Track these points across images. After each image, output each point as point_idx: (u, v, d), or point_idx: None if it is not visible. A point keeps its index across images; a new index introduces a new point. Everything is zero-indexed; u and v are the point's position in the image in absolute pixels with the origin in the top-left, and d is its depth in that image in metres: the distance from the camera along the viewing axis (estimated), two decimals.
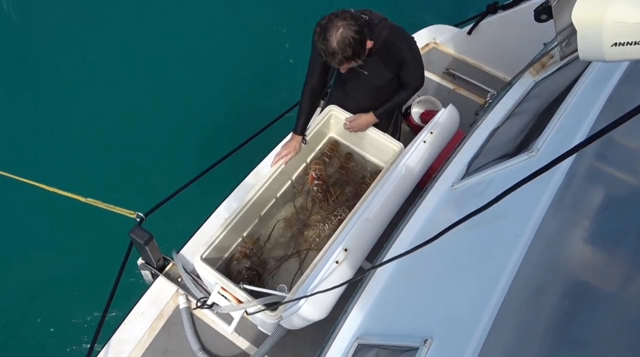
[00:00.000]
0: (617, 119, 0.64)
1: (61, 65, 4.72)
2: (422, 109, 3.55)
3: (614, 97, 1.57)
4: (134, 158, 4.32)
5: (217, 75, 4.93)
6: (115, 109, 4.54)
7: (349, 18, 2.08)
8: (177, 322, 2.53)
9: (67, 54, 4.79)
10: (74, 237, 3.88)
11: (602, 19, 0.78)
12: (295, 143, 2.58)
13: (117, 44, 4.90)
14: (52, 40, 4.86)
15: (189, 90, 4.79)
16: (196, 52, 5.05)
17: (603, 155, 1.41)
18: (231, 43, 5.17)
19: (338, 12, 2.15)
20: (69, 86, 4.60)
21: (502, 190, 0.88)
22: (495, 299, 1.12)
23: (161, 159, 4.36)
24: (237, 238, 2.58)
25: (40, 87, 4.59)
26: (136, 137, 4.43)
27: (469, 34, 3.82)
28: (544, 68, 2.52)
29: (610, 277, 0.94)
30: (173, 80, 4.80)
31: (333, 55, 2.11)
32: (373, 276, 1.89)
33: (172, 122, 4.58)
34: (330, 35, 2.06)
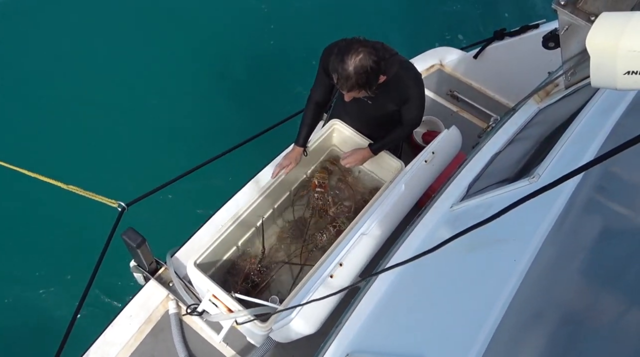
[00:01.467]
0: (623, 144, 0.64)
1: (54, 56, 4.72)
2: (424, 129, 3.57)
3: (618, 128, 1.58)
4: (127, 153, 4.30)
5: (219, 73, 4.94)
6: (112, 105, 4.53)
7: (370, 46, 2.07)
8: (166, 327, 2.50)
9: (60, 43, 4.79)
10: (57, 226, 3.84)
11: (616, 46, 0.78)
12: (296, 154, 2.58)
13: (115, 37, 4.91)
14: (42, 32, 4.85)
15: (189, 88, 4.80)
16: (196, 47, 5.06)
17: (602, 188, 1.42)
18: (234, 40, 5.19)
19: (359, 38, 2.13)
20: (63, 78, 4.61)
21: (502, 208, 0.87)
22: (491, 323, 1.11)
23: (158, 154, 4.34)
24: (232, 246, 2.56)
25: (28, 78, 4.58)
26: (129, 133, 4.41)
27: (475, 58, 3.86)
28: (548, 96, 2.54)
29: (609, 308, 0.93)
30: (172, 77, 4.80)
31: (346, 80, 2.07)
32: (367, 292, 1.87)
33: (170, 118, 4.57)
34: (349, 58, 2.03)
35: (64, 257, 3.74)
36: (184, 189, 2.82)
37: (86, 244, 3.53)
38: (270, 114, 3.25)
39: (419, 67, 3.89)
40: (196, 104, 4.77)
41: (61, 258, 3.74)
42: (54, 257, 3.77)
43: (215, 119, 4.70)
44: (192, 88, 4.83)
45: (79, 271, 3.52)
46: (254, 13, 5.42)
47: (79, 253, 3.61)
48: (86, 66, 4.71)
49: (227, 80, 4.94)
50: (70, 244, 3.78)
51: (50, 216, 3.87)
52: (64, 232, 3.84)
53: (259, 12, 5.43)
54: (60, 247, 3.79)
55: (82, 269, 2.75)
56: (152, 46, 4.94)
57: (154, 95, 4.66)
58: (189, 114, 4.69)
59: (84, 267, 2.46)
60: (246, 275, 2.52)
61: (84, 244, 3.64)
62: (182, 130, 4.56)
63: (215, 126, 4.63)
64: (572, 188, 1.42)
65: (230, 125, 4.61)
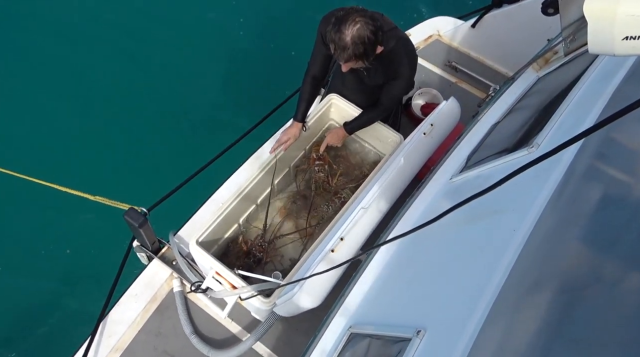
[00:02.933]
0: (622, 109, 0.63)
1: (59, 56, 4.65)
2: (423, 101, 3.54)
3: (617, 95, 1.56)
4: (134, 152, 4.29)
5: (216, 65, 4.89)
6: (113, 104, 4.47)
7: (368, 17, 2.03)
8: (171, 305, 2.53)
9: (65, 42, 4.72)
10: (80, 234, 3.90)
11: (614, 11, 0.77)
12: (295, 130, 2.57)
13: (117, 39, 4.84)
14: (48, 30, 4.78)
15: (189, 81, 4.75)
16: (196, 43, 4.98)
17: (602, 154, 1.41)
18: (233, 32, 5.11)
19: (357, 7, 2.10)
20: (66, 75, 4.54)
21: (501, 178, 0.87)
22: (490, 293, 1.12)
23: (162, 152, 4.33)
24: (234, 223, 2.58)
25: (37, 81, 4.53)
26: (135, 131, 4.38)
27: (473, 27, 3.79)
28: (547, 64, 2.51)
29: (607, 275, 0.94)
30: (172, 71, 4.74)
31: (343, 49, 2.05)
32: (368, 265, 1.89)
33: (171, 113, 4.54)
34: (347, 28, 2.00)
35: (86, 265, 3.81)
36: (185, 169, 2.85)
37: (108, 248, 3.61)
38: (268, 103, 3.24)
39: (417, 38, 3.85)
40: (196, 94, 4.72)
41: (84, 267, 3.81)
42: (76, 266, 3.83)
43: (216, 108, 4.67)
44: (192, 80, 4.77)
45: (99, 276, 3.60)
46: None
47: (102, 257, 3.70)
48: (78, 71, 4.64)
49: (226, 70, 4.88)
50: (92, 249, 3.84)
51: (70, 227, 3.92)
52: (84, 240, 3.89)
53: None
54: (82, 255, 3.85)
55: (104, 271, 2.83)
56: (147, 44, 4.86)
57: (153, 92, 4.60)
58: (190, 105, 4.64)
59: (106, 269, 2.57)
60: (247, 251, 2.54)
61: (104, 248, 3.73)
62: (183, 123, 4.52)
63: (215, 116, 4.61)
64: (571, 156, 1.42)
65: (231, 113, 4.59)
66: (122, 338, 2.43)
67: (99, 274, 3.74)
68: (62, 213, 3.86)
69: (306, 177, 2.81)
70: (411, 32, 3.90)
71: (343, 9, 2.11)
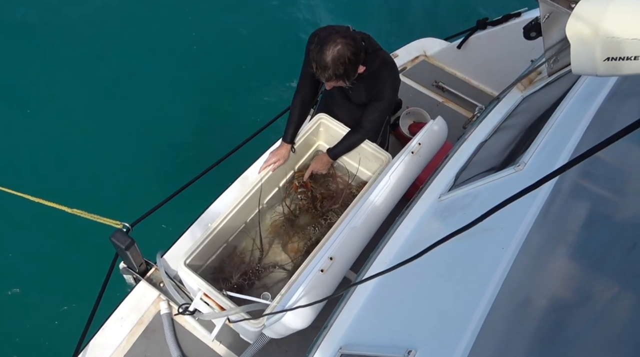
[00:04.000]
0: (606, 140, 0.65)
1: (44, 70, 4.64)
2: (411, 120, 3.58)
3: (600, 114, 1.60)
4: (119, 167, 4.25)
5: (204, 83, 4.90)
6: (99, 120, 4.45)
7: (349, 37, 2.07)
8: (158, 328, 2.48)
9: (53, 55, 4.72)
10: (61, 248, 3.82)
11: (596, 33, 0.79)
12: (284, 151, 2.57)
13: (103, 52, 4.85)
14: (34, 43, 4.78)
15: (175, 99, 4.75)
16: (184, 59, 5.01)
17: (588, 173, 1.43)
18: (219, 51, 5.15)
19: (340, 27, 2.14)
20: (49, 90, 4.53)
21: (489, 203, 0.88)
22: (480, 312, 1.12)
23: (149, 167, 4.30)
24: (222, 244, 2.55)
25: (22, 96, 4.51)
26: (120, 146, 4.36)
27: (459, 48, 3.87)
28: (532, 84, 2.56)
29: (596, 293, 0.94)
30: (159, 87, 4.75)
31: (324, 69, 2.09)
32: (358, 286, 1.88)
33: (158, 130, 4.52)
34: (328, 48, 2.04)
35: (70, 279, 3.73)
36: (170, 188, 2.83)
37: (92, 264, 3.55)
38: (256, 122, 3.26)
39: (404, 59, 3.91)
40: (184, 112, 4.72)
41: (66, 282, 3.72)
42: (59, 281, 3.74)
43: (204, 126, 4.67)
44: (180, 99, 4.77)
45: (81, 295, 3.54)
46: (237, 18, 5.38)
47: (84, 273, 3.63)
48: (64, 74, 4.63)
49: (214, 89, 4.90)
50: (75, 264, 3.76)
51: (54, 239, 3.83)
52: (68, 254, 3.81)
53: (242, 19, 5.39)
54: (66, 269, 3.77)
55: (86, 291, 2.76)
56: (134, 59, 4.88)
57: (141, 111, 4.60)
58: (177, 123, 4.64)
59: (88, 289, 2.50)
60: (244, 272, 2.51)
61: (88, 263, 3.66)
62: (170, 139, 4.51)
63: (203, 134, 4.60)
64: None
65: (219, 132, 4.59)
66: None
67: (85, 295, 3.68)
68: (45, 229, 3.79)
69: (290, 205, 2.80)
70: (398, 52, 3.96)
71: (327, 29, 2.14)
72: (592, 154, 0.70)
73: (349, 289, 1.84)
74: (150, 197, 2.61)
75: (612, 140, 0.66)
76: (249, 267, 2.54)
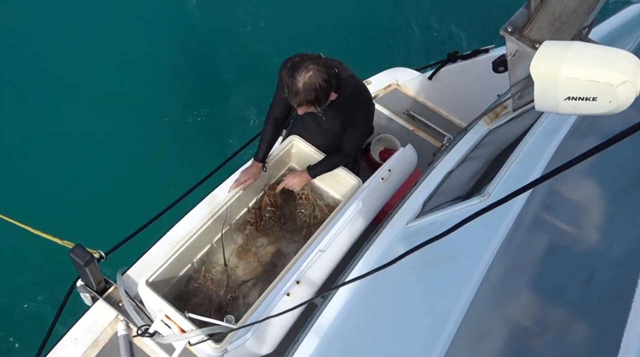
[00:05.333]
0: (568, 162, 0.68)
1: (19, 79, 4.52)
2: (382, 146, 3.64)
3: (561, 150, 1.67)
4: (92, 191, 4.15)
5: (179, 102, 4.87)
6: (74, 140, 4.36)
7: (321, 65, 2.11)
8: (114, 350, 2.37)
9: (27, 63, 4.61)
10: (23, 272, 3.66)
11: (557, 73, 0.83)
12: (255, 170, 2.56)
13: (83, 59, 4.76)
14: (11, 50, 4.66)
15: (151, 118, 4.69)
16: (154, 80, 4.96)
17: (548, 206, 1.49)
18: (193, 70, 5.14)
19: (312, 54, 2.17)
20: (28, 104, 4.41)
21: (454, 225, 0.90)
22: (445, 340, 1.12)
23: (121, 192, 4.20)
24: (187, 264, 2.49)
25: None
26: (89, 174, 4.25)
27: (430, 79, 3.99)
28: (498, 117, 2.66)
29: (555, 324, 0.97)
30: (134, 108, 4.69)
31: (295, 95, 2.11)
32: (323, 310, 1.86)
33: (133, 152, 4.45)
34: (299, 74, 2.07)
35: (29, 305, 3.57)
36: (138, 206, 2.77)
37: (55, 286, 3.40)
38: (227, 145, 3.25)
39: (377, 86, 4.00)
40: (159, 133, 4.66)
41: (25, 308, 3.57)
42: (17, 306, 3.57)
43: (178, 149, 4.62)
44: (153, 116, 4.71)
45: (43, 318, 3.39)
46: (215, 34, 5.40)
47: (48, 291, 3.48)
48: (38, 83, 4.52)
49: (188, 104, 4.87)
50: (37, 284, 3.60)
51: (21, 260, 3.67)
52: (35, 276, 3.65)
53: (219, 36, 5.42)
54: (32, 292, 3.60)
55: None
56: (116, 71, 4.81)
57: (113, 130, 4.51)
58: (151, 143, 4.57)
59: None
60: (209, 300, 2.46)
61: (50, 284, 3.52)
62: (144, 162, 4.43)
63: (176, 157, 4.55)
64: (519, 206, 1.48)
65: (192, 153, 4.55)
66: None
67: (42, 316, 3.51)
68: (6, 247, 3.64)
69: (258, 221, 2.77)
70: (371, 80, 4.05)
71: (299, 55, 2.17)
72: (547, 179, 0.73)
73: (310, 301, 1.82)
74: (124, 222, 2.56)
75: (566, 167, 0.70)
76: (214, 288, 2.48)
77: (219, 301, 2.47)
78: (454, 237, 0.91)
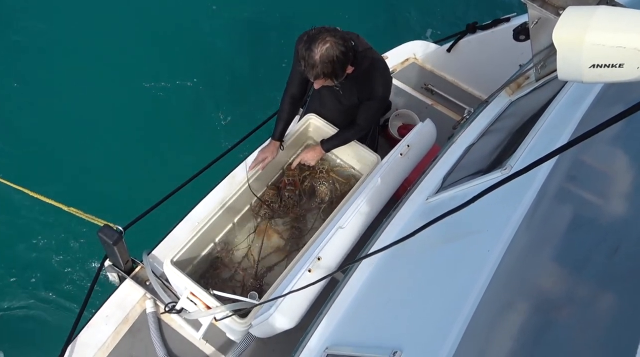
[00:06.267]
0: (593, 129, 0.66)
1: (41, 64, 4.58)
2: (400, 122, 3.60)
3: (585, 119, 1.62)
4: (113, 168, 4.22)
5: (197, 83, 4.88)
6: (95, 118, 4.42)
7: (338, 37, 2.08)
8: (143, 327, 2.46)
9: (47, 51, 4.66)
10: (53, 245, 3.78)
11: (582, 40, 0.80)
12: (273, 148, 2.57)
13: (102, 44, 4.80)
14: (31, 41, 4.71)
15: (171, 98, 4.72)
16: (177, 59, 4.97)
17: (573, 177, 1.45)
18: (216, 48, 5.13)
19: (329, 27, 2.14)
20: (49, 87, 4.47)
21: (475, 205, 0.89)
22: (465, 314, 1.13)
23: (141, 169, 4.27)
24: (209, 243, 2.54)
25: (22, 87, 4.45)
26: (115, 146, 4.32)
27: (448, 52, 3.90)
28: (520, 88, 2.59)
29: (579, 296, 0.96)
30: (154, 87, 4.72)
31: (312, 68, 2.09)
32: (345, 285, 1.88)
33: (150, 130, 4.49)
34: (316, 46, 2.05)
35: (60, 277, 3.70)
36: (159, 187, 2.81)
37: (81, 266, 3.52)
38: (247, 122, 3.25)
39: (394, 61, 3.93)
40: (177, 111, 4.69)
41: (57, 280, 3.70)
42: (48, 278, 3.71)
43: (196, 126, 4.64)
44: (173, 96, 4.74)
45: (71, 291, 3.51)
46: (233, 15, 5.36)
47: (75, 272, 3.61)
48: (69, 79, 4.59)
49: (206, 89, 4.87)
50: (65, 264, 3.73)
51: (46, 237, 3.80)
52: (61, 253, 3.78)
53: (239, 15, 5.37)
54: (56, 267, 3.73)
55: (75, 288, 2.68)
56: (129, 54, 4.83)
57: (135, 108, 4.56)
58: (170, 122, 4.60)
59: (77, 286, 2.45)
60: (233, 277, 2.51)
61: (77, 264, 3.64)
62: (162, 140, 4.47)
63: (194, 134, 4.57)
64: (542, 178, 1.45)
65: (210, 133, 4.57)
66: None
67: (72, 294, 3.64)
68: (36, 226, 3.75)
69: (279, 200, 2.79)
70: (388, 54, 3.98)
71: (316, 28, 2.15)
72: (571, 146, 0.71)
73: (332, 275, 1.84)
74: (143, 199, 2.59)
75: (591, 134, 0.68)
76: (237, 265, 2.53)
77: (242, 278, 2.52)
78: (475, 212, 0.90)
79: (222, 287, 2.43)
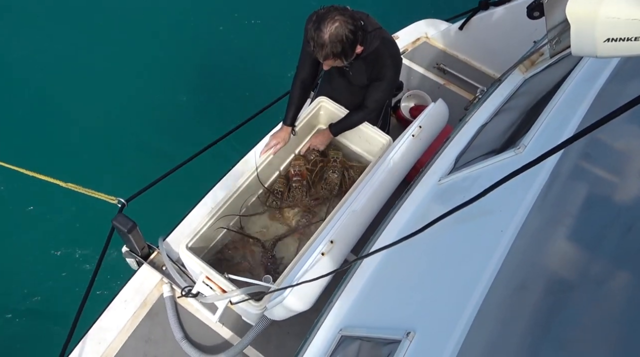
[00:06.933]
0: (606, 116, 0.64)
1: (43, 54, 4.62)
2: (412, 103, 3.56)
3: (601, 95, 1.58)
4: (117, 143, 4.28)
5: (204, 62, 4.88)
6: (100, 94, 4.48)
7: (347, 16, 2.05)
8: (161, 310, 2.51)
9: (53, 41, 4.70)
10: (54, 223, 3.84)
11: (596, 13, 0.78)
12: (284, 134, 2.57)
13: (102, 34, 4.82)
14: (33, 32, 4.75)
15: (177, 75, 4.74)
16: (182, 36, 4.99)
17: (587, 155, 1.43)
18: (220, 28, 5.11)
19: (338, 6, 2.11)
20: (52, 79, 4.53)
21: (488, 185, 0.88)
22: (478, 294, 1.13)
23: (147, 144, 4.32)
24: (223, 228, 2.57)
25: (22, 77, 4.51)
26: (119, 123, 4.38)
27: (460, 30, 3.82)
28: (534, 65, 2.53)
29: (593, 275, 0.95)
30: (160, 66, 4.74)
31: (321, 47, 2.07)
32: (358, 268, 1.89)
33: (157, 108, 4.53)
34: (325, 26, 2.02)
35: (67, 252, 3.76)
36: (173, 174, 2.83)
37: (86, 239, 3.59)
38: (258, 102, 3.23)
39: (405, 41, 3.87)
40: (184, 92, 4.71)
41: (62, 255, 3.75)
42: (54, 255, 3.77)
43: (203, 106, 4.66)
44: (179, 77, 4.76)
45: (80, 264, 3.58)
46: None
47: (79, 247, 3.66)
48: (77, 66, 4.62)
49: (213, 67, 4.87)
50: (72, 240, 3.79)
51: (52, 211, 3.86)
52: (65, 228, 3.84)
53: None
54: (62, 243, 3.80)
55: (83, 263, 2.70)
56: (135, 42, 4.85)
57: (141, 85, 4.60)
58: (176, 100, 4.64)
59: (85, 262, 2.46)
60: (247, 261, 2.53)
61: (84, 239, 3.70)
62: (168, 118, 4.52)
63: (202, 114, 4.60)
64: (556, 157, 1.43)
65: (218, 112, 4.59)
66: (112, 345, 2.40)
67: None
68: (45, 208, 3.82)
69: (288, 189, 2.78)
70: (399, 34, 3.92)
71: (325, 7, 2.12)
72: (590, 131, 0.69)
73: (348, 266, 1.85)
74: (148, 174, 2.59)
75: (612, 116, 0.66)
76: (251, 250, 2.55)
77: (256, 261, 2.55)
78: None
79: (237, 271, 2.46)
